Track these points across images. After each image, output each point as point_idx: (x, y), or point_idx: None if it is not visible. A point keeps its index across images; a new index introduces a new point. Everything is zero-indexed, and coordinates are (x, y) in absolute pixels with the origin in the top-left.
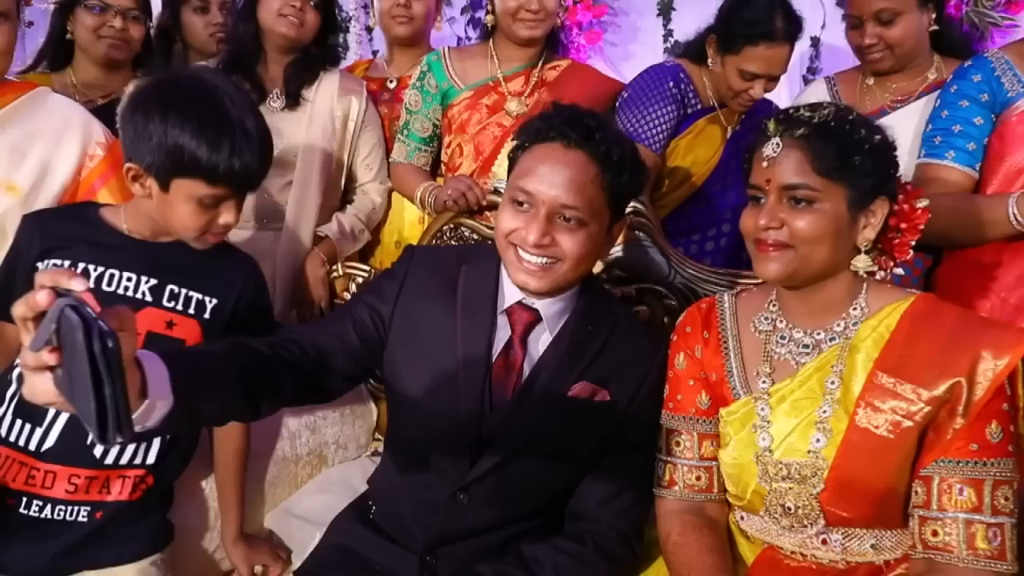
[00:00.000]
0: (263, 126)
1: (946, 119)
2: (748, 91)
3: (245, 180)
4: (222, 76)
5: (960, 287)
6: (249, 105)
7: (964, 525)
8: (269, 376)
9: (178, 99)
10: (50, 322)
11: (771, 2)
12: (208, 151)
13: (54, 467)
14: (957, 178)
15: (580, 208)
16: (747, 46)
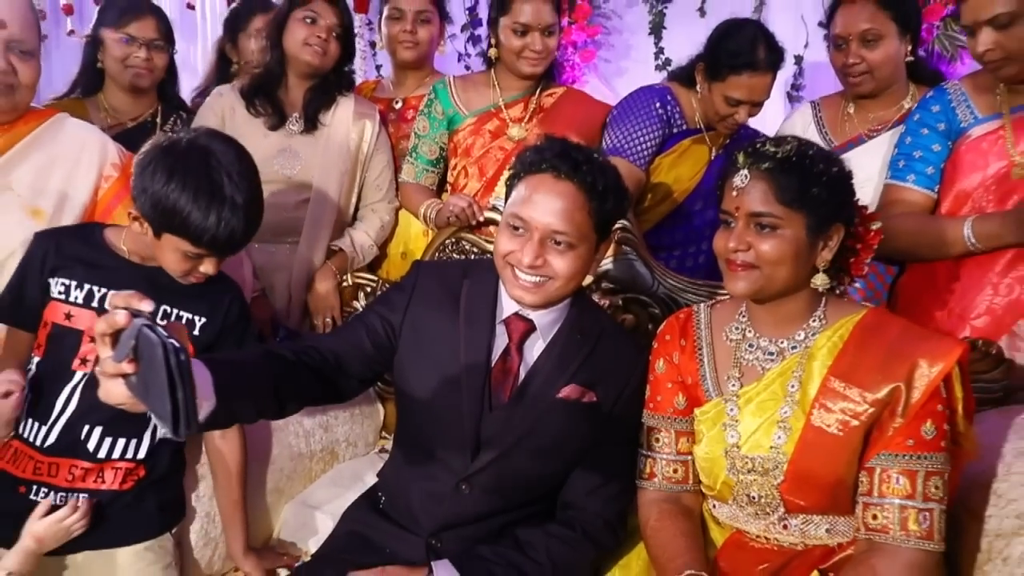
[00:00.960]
0: (254, 198)
1: (908, 145)
2: (733, 116)
3: (227, 246)
4: (228, 147)
5: (918, 296)
6: (245, 178)
7: (899, 510)
8: (294, 380)
9: (181, 167)
10: (129, 338)
11: (754, 34)
12: (198, 219)
13: (56, 459)
14: (917, 198)
15: (569, 233)
16: (732, 75)
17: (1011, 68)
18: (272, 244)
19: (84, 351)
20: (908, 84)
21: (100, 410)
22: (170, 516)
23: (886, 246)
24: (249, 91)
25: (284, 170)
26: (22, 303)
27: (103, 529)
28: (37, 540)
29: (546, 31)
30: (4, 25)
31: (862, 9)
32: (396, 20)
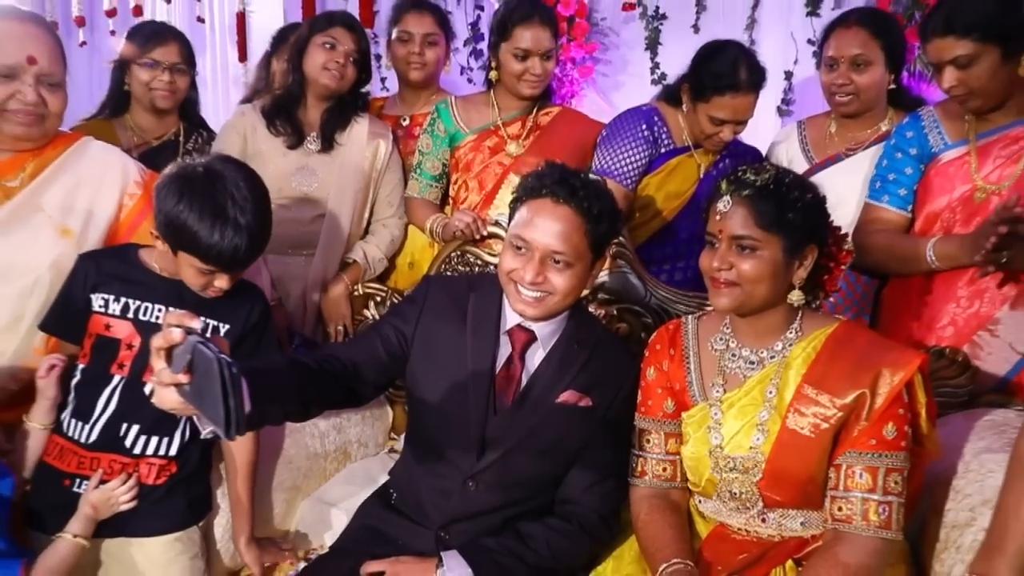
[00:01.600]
0: (259, 219)
1: (884, 168)
2: (719, 134)
3: (233, 263)
4: (238, 172)
5: (896, 306)
6: (251, 201)
7: (861, 502)
8: (318, 386)
9: (190, 190)
10: (185, 353)
11: (736, 56)
12: (205, 237)
13: (98, 454)
14: (892, 217)
15: (567, 253)
16: (715, 96)
17: (975, 102)
18: (288, 256)
19: (121, 357)
20: (887, 108)
21: (136, 411)
22: (198, 510)
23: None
24: (270, 111)
25: (301, 187)
26: (67, 317)
27: (138, 519)
28: (93, 507)
29: (545, 55)
30: (35, 61)
31: (855, 35)
32: (405, 42)
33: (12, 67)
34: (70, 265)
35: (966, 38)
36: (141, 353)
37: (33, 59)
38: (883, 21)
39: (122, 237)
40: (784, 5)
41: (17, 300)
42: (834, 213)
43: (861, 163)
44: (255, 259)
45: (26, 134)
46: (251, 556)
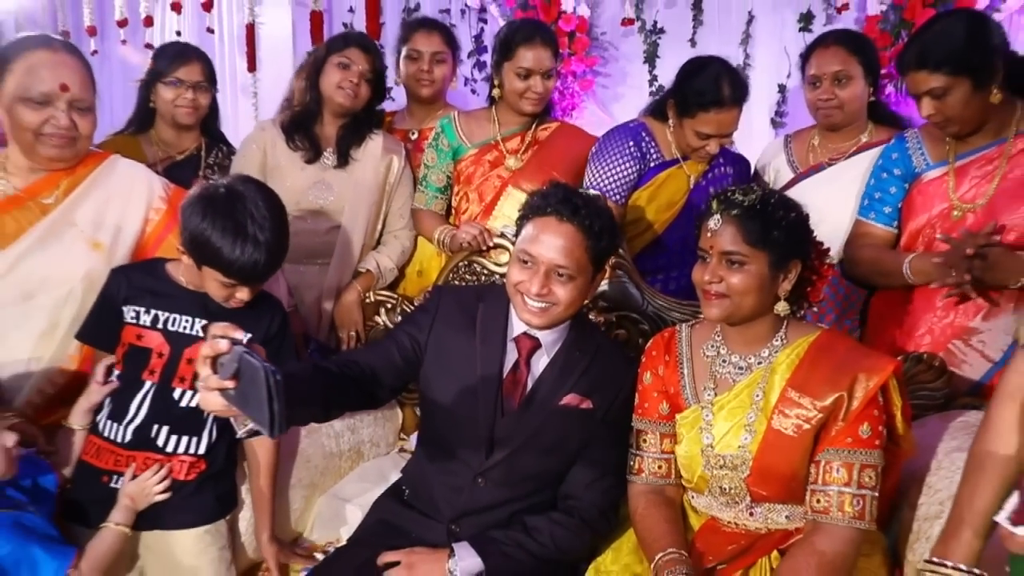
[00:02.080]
0: (276, 236)
1: (872, 187)
2: (705, 147)
3: (252, 277)
4: (257, 192)
5: (883, 313)
6: (269, 219)
7: (837, 495)
8: (339, 390)
9: (213, 211)
10: (232, 361)
11: (719, 72)
12: (228, 254)
13: (133, 453)
14: (879, 232)
15: (570, 267)
16: (700, 112)
17: (952, 127)
18: (304, 265)
19: (152, 364)
20: (867, 122)
21: (166, 413)
22: (225, 505)
23: (853, 272)
24: (289, 126)
25: (318, 200)
26: (102, 328)
27: (172, 513)
28: (131, 498)
29: (546, 74)
30: (67, 88)
31: (835, 53)
32: (414, 60)
33: (47, 94)
34: (101, 277)
35: (938, 72)
36: (170, 361)
37: (66, 87)
38: (859, 40)
39: (149, 250)
40: (777, 21)
41: (53, 309)
42: (816, 219)
43: (841, 172)
44: (274, 272)
45: (59, 155)
46: (270, 553)
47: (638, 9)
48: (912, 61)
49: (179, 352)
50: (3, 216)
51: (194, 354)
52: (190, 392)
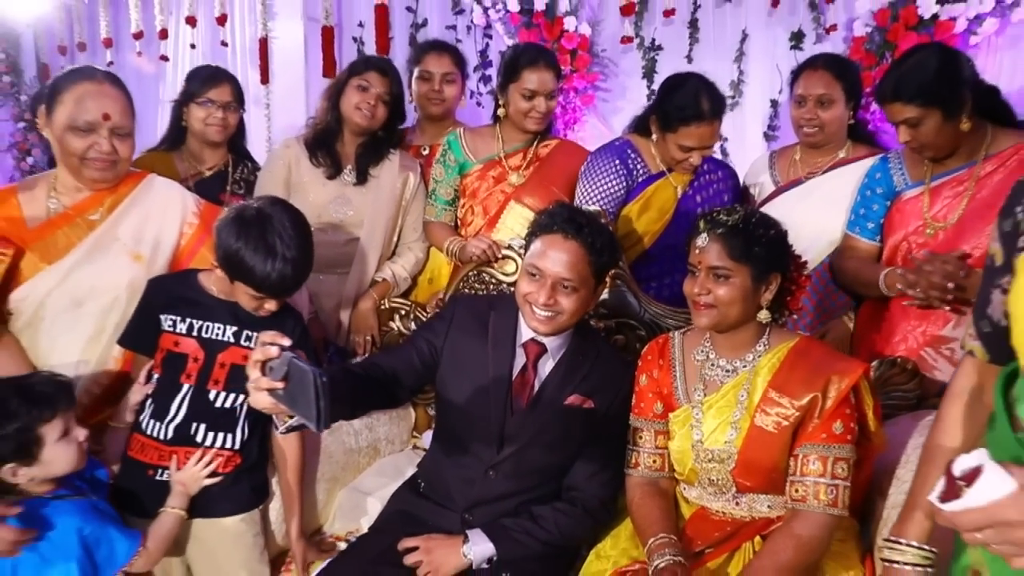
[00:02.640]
0: (302, 254)
1: (858, 203)
2: (688, 160)
3: (280, 291)
4: (284, 213)
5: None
6: (296, 237)
7: (813, 485)
8: (365, 390)
9: (246, 231)
10: (282, 365)
11: (697, 88)
12: (258, 271)
13: (174, 448)
14: (863, 246)
15: (574, 280)
16: (681, 126)
17: (927, 152)
18: (324, 274)
19: (188, 369)
20: (846, 140)
21: (203, 412)
22: (259, 495)
23: (840, 281)
24: (312, 144)
25: (338, 214)
26: (141, 335)
27: (212, 502)
28: (182, 483)
29: (549, 95)
30: (109, 117)
31: (821, 77)
32: (425, 80)
33: (91, 123)
34: (142, 286)
35: (912, 104)
36: (205, 365)
37: (108, 116)
38: (844, 65)
39: (184, 261)
40: (770, 39)
41: (100, 316)
42: (795, 229)
43: (817, 186)
44: (300, 287)
45: (102, 177)
46: (298, 549)
47: (637, 27)
48: (888, 93)
49: (213, 357)
50: (55, 232)
51: (226, 359)
52: (223, 393)
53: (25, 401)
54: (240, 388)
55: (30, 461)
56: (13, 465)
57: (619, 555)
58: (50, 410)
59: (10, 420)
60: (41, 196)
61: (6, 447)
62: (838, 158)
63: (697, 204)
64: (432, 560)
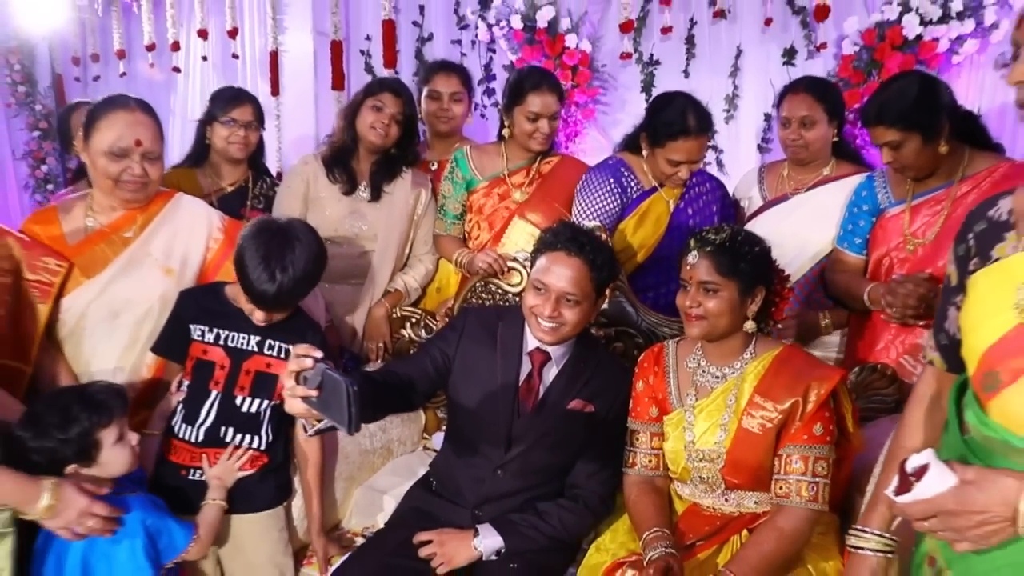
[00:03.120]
0: (294, 282)
1: (847, 219)
2: (677, 174)
3: (265, 305)
4: (300, 240)
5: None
6: (295, 265)
7: (795, 482)
8: (384, 397)
9: (259, 239)
10: (316, 375)
11: (684, 106)
12: (252, 280)
13: (205, 450)
14: (850, 260)
15: (577, 294)
16: (669, 141)
17: (908, 172)
18: (340, 284)
19: (216, 376)
20: (830, 157)
21: (230, 416)
22: (283, 493)
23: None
24: (329, 161)
25: (353, 228)
26: (173, 343)
27: (242, 499)
28: (218, 478)
29: (552, 117)
30: (141, 143)
31: (803, 100)
32: (434, 99)
33: (124, 149)
34: (173, 297)
35: (893, 128)
36: (231, 373)
37: (140, 142)
38: (825, 87)
39: (210, 274)
40: (763, 55)
41: (134, 326)
42: (781, 242)
43: (803, 202)
44: (286, 308)
45: (134, 197)
46: (318, 544)
47: (636, 43)
48: (872, 117)
49: (238, 364)
50: (93, 248)
51: (251, 366)
52: (249, 398)
53: (86, 408)
54: (264, 394)
55: (89, 463)
56: (75, 466)
57: (617, 547)
58: (108, 416)
59: (73, 425)
60: (79, 215)
61: (69, 449)
62: (823, 175)
63: (689, 216)
64: (445, 552)
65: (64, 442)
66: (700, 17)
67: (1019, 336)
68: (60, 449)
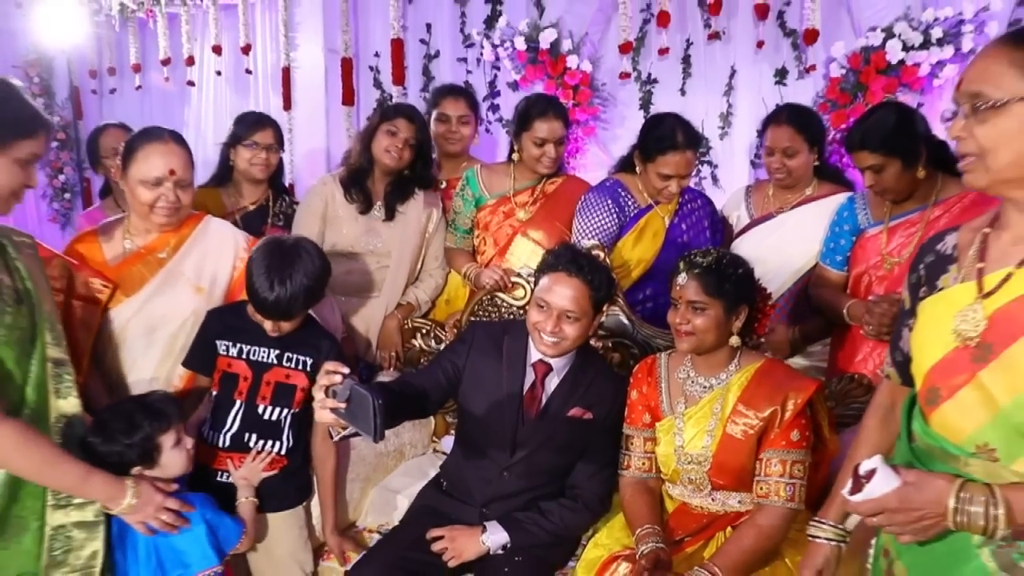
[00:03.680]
0: (292, 297)
1: (829, 238)
2: (667, 188)
3: (273, 313)
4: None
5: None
6: (295, 281)
7: (774, 483)
8: (400, 405)
9: (269, 253)
10: (345, 390)
11: (674, 124)
12: (263, 294)
13: (231, 454)
14: (832, 276)
15: (576, 312)
16: (659, 156)
17: (889, 195)
18: (356, 298)
19: (240, 387)
20: (812, 179)
21: (253, 423)
22: (303, 494)
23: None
24: (346, 181)
25: (368, 245)
26: (201, 358)
27: (265, 499)
28: (245, 478)
29: (558, 142)
30: (174, 172)
31: (785, 131)
32: (443, 122)
33: (159, 178)
34: (203, 314)
35: (875, 153)
36: (253, 384)
37: (173, 171)
38: (805, 117)
39: (237, 291)
40: (756, 74)
41: (169, 340)
42: (766, 258)
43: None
44: (288, 317)
45: (168, 222)
46: (334, 543)
47: (634, 62)
48: (856, 143)
49: (259, 376)
50: (131, 268)
51: (271, 377)
52: (270, 407)
53: (147, 415)
54: (284, 403)
55: (151, 465)
56: (139, 468)
57: (613, 543)
58: (167, 422)
59: (137, 431)
60: (118, 238)
61: (133, 453)
62: (805, 195)
63: (683, 232)
64: (456, 547)
65: (129, 446)
66: (696, 38)
67: (957, 358)
68: (126, 453)
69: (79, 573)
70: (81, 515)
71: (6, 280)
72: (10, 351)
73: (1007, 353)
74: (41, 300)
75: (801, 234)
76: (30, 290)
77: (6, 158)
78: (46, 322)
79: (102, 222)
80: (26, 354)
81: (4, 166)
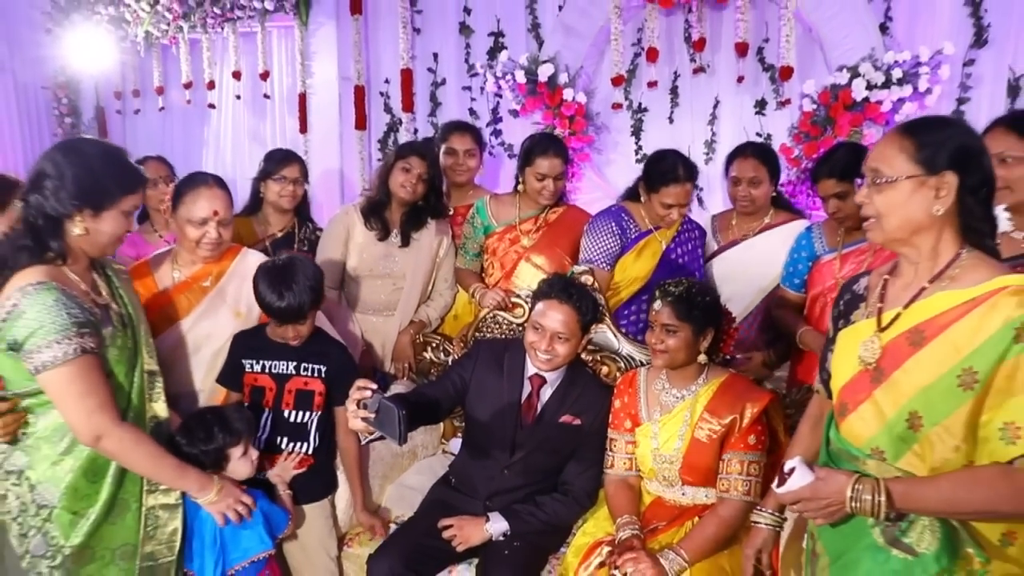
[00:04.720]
0: (297, 298)
1: (789, 262)
2: (669, 215)
3: (287, 317)
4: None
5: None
6: (297, 286)
7: (734, 480)
8: (417, 413)
9: (268, 272)
10: (374, 403)
11: (675, 159)
12: (276, 304)
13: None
14: (792, 297)
15: (566, 333)
16: (663, 187)
17: (849, 221)
18: (374, 315)
19: (267, 398)
20: (770, 208)
21: (281, 429)
22: (328, 487)
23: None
24: (366, 211)
25: (385, 269)
26: (232, 376)
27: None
28: (278, 476)
29: (558, 176)
30: (217, 213)
31: (750, 163)
32: (451, 155)
33: (204, 218)
34: None
35: (841, 181)
36: (277, 394)
37: (216, 212)
38: (767, 152)
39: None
40: (738, 105)
41: (212, 357)
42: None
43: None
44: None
45: (211, 255)
46: (364, 518)
47: (626, 93)
48: (823, 172)
49: (282, 386)
50: (179, 296)
51: (292, 386)
52: (294, 411)
53: (223, 428)
54: (306, 407)
55: (220, 471)
56: (211, 470)
57: (597, 531)
58: (238, 436)
59: (212, 441)
60: (167, 269)
61: (207, 458)
62: (764, 223)
63: (678, 256)
64: (463, 534)
65: (204, 452)
66: (683, 71)
67: (860, 379)
68: (200, 457)
69: (164, 546)
70: (166, 498)
71: (115, 307)
72: (122, 367)
73: (894, 376)
74: (139, 321)
75: (763, 259)
76: (131, 314)
77: (116, 210)
78: (143, 340)
79: (152, 255)
80: (131, 367)
81: (115, 217)
